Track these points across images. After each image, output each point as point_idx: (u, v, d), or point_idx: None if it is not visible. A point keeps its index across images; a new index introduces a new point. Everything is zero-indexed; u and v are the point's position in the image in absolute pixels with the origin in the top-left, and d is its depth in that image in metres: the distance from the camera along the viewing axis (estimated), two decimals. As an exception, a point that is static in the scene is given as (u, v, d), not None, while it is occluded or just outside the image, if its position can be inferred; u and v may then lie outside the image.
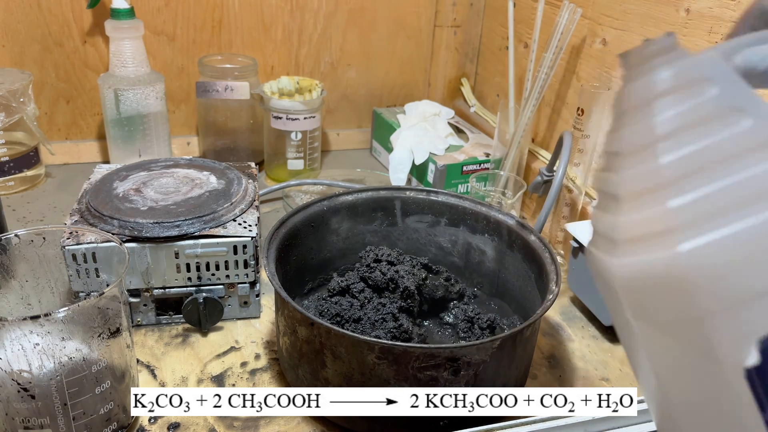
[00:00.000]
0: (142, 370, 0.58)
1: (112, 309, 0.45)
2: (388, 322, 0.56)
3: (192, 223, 0.60)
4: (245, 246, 0.60)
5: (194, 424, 0.52)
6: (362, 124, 1.12)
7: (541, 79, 0.79)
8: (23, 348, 0.41)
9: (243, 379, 0.58)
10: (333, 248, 0.68)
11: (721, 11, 0.61)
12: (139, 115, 0.88)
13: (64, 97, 0.95)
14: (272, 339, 0.62)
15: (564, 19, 0.76)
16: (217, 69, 0.93)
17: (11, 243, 0.49)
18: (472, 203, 0.66)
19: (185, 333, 0.63)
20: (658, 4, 0.68)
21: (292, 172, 0.96)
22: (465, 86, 1.13)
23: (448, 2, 1.06)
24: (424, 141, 0.93)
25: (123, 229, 0.58)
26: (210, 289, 0.62)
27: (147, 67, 0.88)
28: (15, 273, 0.50)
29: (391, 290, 0.59)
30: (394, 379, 0.46)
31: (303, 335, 0.50)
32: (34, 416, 0.43)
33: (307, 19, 1.00)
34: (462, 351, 0.46)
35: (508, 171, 0.83)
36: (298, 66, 1.04)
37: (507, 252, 0.63)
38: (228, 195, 0.65)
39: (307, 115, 0.92)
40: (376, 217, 0.68)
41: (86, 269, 0.56)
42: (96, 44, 0.93)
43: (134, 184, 0.66)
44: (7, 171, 0.86)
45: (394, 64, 1.09)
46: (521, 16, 0.93)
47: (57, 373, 0.42)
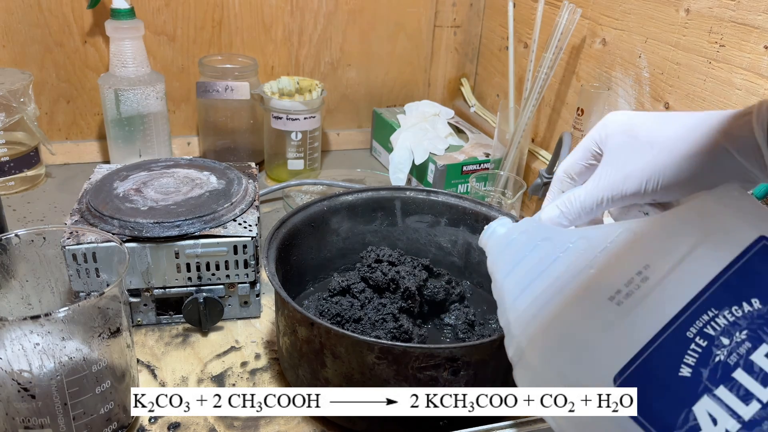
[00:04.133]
0: (142, 369, 0.58)
1: (112, 309, 0.45)
2: (388, 322, 0.56)
3: (192, 223, 0.60)
4: (245, 246, 0.60)
5: (194, 424, 0.52)
6: (362, 124, 1.12)
7: (541, 79, 0.79)
8: (23, 348, 0.41)
9: (243, 379, 0.58)
10: (333, 248, 0.68)
11: (721, 11, 0.61)
12: (139, 115, 0.88)
13: (64, 97, 0.95)
14: (272, 339, 0.62)
15: (564, 19, 0.76)
16: (218, 69, 0.93)
17: (11, 243, 0.49)
18: (472, 203, 0.66)
19: (185, 333, 0.63)
20: (658, 4, 0.68)
21: (292, 172, 0.96)
22: (465, 86, 1.13)
23: (448, 2, 1.06)
24: (424, 141, 0.93)
25: (123, 229, 0.58)
26: (210, 289, 0.62)
27: (147, 67, 0.88)
28: (15, 273, 0.50)
29: (392, 291, 0.59)
30: (394, 379, 0.46)
31: (303, 335, 0.50)
32: (34, 416, 0.43)
33: (307, 19, 1.00)
34: (462, 351, 0.46)
35: (508, 171, 0.83)
36: (298, 66, 1.04)
37: (507, 252, 0.63)
38: (228, 195, 0.65)
39: (307, 115, 0.92)
40: (376, 217, 0.68)
41: (86, 269, 0.56)
42: (96, 44, 0.93)
43: (134, 184, 0.66)
44: (8, 171, 0.86)
45: (393, 64, 1.09)
46: (521, 16, 0.93)
47: (57, 372, 0.43)
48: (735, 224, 0.33)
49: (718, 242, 0.33)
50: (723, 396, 0.30)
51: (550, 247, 0.39)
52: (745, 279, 0.31)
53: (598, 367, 0.34)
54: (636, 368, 0.32)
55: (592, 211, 0.40)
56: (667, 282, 0.33)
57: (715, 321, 0.31)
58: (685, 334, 0.31)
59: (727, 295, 0.31)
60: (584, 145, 0.42)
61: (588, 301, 0.35)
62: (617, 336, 0.34)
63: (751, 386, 0.29)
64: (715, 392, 0.30)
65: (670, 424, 0.31)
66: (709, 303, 0.31)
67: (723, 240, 0.33)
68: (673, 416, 0.30)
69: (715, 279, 0.32)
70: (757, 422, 0.29)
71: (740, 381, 0.29)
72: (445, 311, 0.63)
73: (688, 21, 0.65)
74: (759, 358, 0.29)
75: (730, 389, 0.30)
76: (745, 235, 0.32)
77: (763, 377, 0.29)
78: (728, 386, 0.30)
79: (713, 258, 0.32)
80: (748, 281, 0.31)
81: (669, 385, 0.31)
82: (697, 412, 0.30)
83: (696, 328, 0.31)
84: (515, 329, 0.38)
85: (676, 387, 0.31)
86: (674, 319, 0.32)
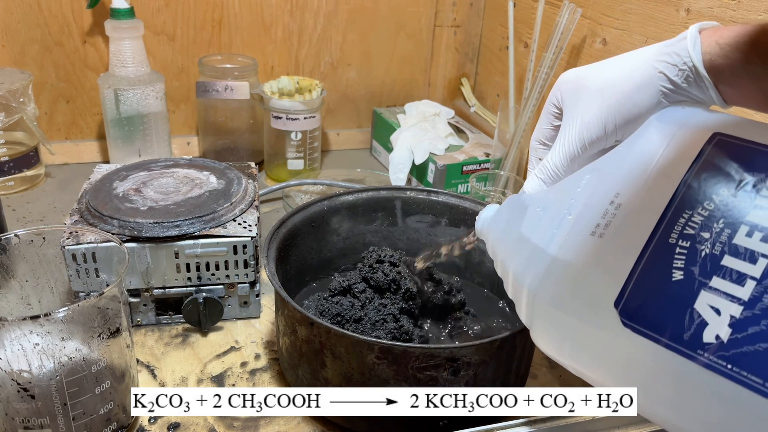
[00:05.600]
0: (142, 370, 0.58)
1: (112, 309, 0.45)
2: (388, 322, 0.56)
3: (192, 223, 0.60)
4: (245, 246, 0.60)
5: (194, 424, 0.52)
6: (362, 124, 1.12)
7: (541, 79, 0.79)
8: (23, 348, 0.41)
9: (243, 379, 0.57)
10: (333, 248, 0.68)
11: (721, 11, 0.61)
12: (139, 115, 0.88)
13: (64, 97, 0.95)
14: (272, 339, 0.62)
15: (564, 19, 0.76)
16: (217, 69, 0.93)
17: (11, 243, 0.49)
18: (472, 203, 0.66)
19: (185, 333, 0.63)
20: (658, 4, 0.68)
21: (292, 172, 0.96)
22: (465, 86, 1.13)
23: (448, 2, 1.06)
24: (424, 141, 0.93)
25: (123, 229, 0.58)
26: (210, 289, 0.62)
27: (147, 67, 0.88)
28: (15, 273, 0.50)
29: (393, 291, 0.59)
30: (394, 379, 0.46)
31: (303, 335, 0.50)
32: (33, 416, 0.43)
33: (307, 19, 1.00)
34: (462, 351, 0.46)
35: (508, 171, 0.83)
36: (298, 66, 1.04)
37: (507, 252, 0.63)
38: (228, 195, 0.65)
39: (307, 115, 0.92)
40: (377, 217, 0.68)
41: (86, 269, 0.56)
42: (96, 44, 0.93)
43: (134, 184, 0.66)
44: (7, 171, 0.86)
45: (394, 64, 1.08)
46: (521, 16, 0.93)
47: (57, 373, 0.42)
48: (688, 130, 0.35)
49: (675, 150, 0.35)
50: (718, 285, 0.30)
51: (534, 211, 0.41)
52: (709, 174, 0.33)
53: (597, 300, 0.35)
54: (631, 290, 0.33)
55: (566, 167, 0.42)
56: (638, 201, 0.35)
57: (692, 221, 0.32)
58: (668, 241, 0.33)
59: (696, 194, 0.33)
60: (546, 111, 0.45)
61: (574, 244, 0.37)
62: (607, 266, 0.35)
63: (742, 267, 0.30)
64: (710, 284, 0.31)
65: (679, 330, 0.31)
66: (681, 207, 0.33)
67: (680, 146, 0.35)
68: (679, 321, 0.31)
69: (681, 184, 0.33)
70: (757, 299, 0.29)
71: (730, 266, 0.30)
72: (444, 320, 0.63)
73: (689, 21, 0.65)
74: (741, 239, 0.30)
75: (723, 276, 0.30)
76: (700, 136, 0.34)
77: (750, 255, 0.30)
78: (720, 274, 0.30)
79: (675, 165, 0.34)
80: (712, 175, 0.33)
81: (666, 293, 0.32)
82: (700, 308, 0.31)
83: (676, 233, 0.33)
84: (520, 293, 0.40)
85: (674, 292, 0.32)
86: (654, 232, 0.33)
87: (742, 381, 0.29)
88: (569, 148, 0.41)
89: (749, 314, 0.29)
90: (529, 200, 0.43)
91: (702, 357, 0.30)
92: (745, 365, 0.29)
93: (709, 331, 0.30)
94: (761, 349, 0.29)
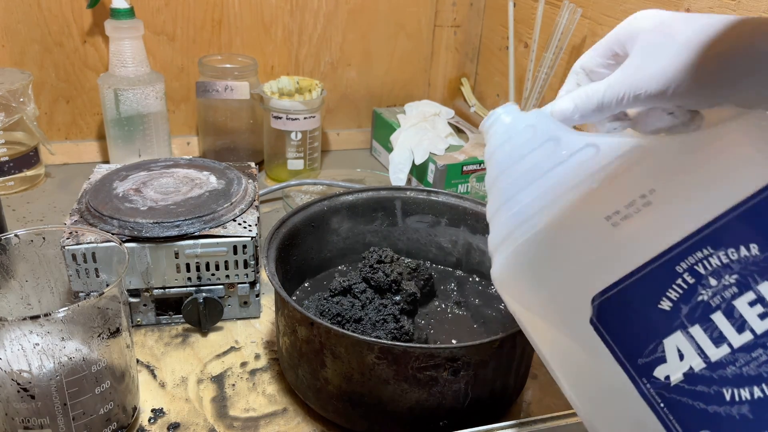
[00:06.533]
0: (142, 370, 0.58)
1: (112, 309, 0.45)
2: (389, 323, 0.56)
3: (192, 223, 0.60)
4: (245, 246, 0.60)
5: (194, 424, 0.52)
6: (362, 124, 1.12)
7: (541, 79, 0.79)
8: (23, 348, 0.41)
9: (243, 379, 0.57)
10: (333, 248, 0.68)
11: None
12: (139, 115, 0.88)
13: (63, 97, 0.95)
14: (272, 339, 0.62)
15: (564, 19, 0.76)
16: (217, 69, 0.93)
17: (11, 243, 0.49)
18: (472, 203, 0.66)
19: (185, 333, 0.63)
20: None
21: (292, 172, 0.96)
22: (465, 86, 1.13)
23: (448, 2, 1.06)
24: (424, 141, 0.93)
25: (123, 229, 0.58)
26: (210, 289, 0.62)
27: (147, 67, 0.88)
28: (15, 273, 0.50)
29: (394, 292, 0.59)
30: (394, 379, 0.46)
31: (303, 335, 0.50)
32: (33, 416, 0.43)
33: (307, 19, 1.00)
34: (462, 351, 0.46)
35: (508, 171, 0.83)
36: (298, 66, 1.04)
37: (507, 252, 0.63)
38: (228, 195, 0.65)
39: (307, 115, 0.92)
40: (377, 217, 0.68)
41: (86, 269, 0.56)
42: (96, 44, 0.93)
43: (134, 184, 0.66)
44: (7, 171, 0.86)
45: (393, 64, 1.08)
46: (521, 15, 0.93)
47: (57, 373, 0.42)
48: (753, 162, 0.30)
49: (731, 178, 0.31)
50: (696, 335, 0.30)
51: (556, 149, 0.37)
52: (751, 222, 0.29)
53: (578, 282, 0.34)
54: (617, 292, 0.32)
55: (610, 107, 0.37)
56: (669, 211, 0.32)
57: (708, 260, 0.30)
58: (675, 268, 0.31)
59: (727, 236, 0.30)
60: (606, 43, 0.39)
61: (584, 216, 0.34)
62: (605, 257, 0.33)
63: (727, 330, 0.29)
64: (689, 330, 0.30)
65: (637, 352, 0.31)
66: (707, 241, 0.30)
67: (737, 177, 0.30)
68: (642, 345, 0.31)
69: (719, 217, 0.30)
70: (722, 365, 0.29)
71: (717, 324, 0.29)
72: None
73: (689, 21, 0.65)
74: (741, 304, 0.29)
75: (704, 329, 0.29)
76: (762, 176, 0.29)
77: (740, 324, 0.29)
78: (704, 326, 0.30)
79: (723, 194, 0.30)
80: (753, 225, 0.29)
81: (646, 315, 0.31)
82: (667, 345, 0.30)
83: (687, 264, 0.30)
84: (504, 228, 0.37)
85: (653, 318, 0.31)
86: (667, 251, 0.31)
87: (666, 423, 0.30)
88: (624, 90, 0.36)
89: (706, 374, 0.29)
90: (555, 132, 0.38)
91: (644, 386, 0.31)
92: (677, 414, 0.29)
93: (664, 368, 0.30)
94: (698, 407, 0.29)
